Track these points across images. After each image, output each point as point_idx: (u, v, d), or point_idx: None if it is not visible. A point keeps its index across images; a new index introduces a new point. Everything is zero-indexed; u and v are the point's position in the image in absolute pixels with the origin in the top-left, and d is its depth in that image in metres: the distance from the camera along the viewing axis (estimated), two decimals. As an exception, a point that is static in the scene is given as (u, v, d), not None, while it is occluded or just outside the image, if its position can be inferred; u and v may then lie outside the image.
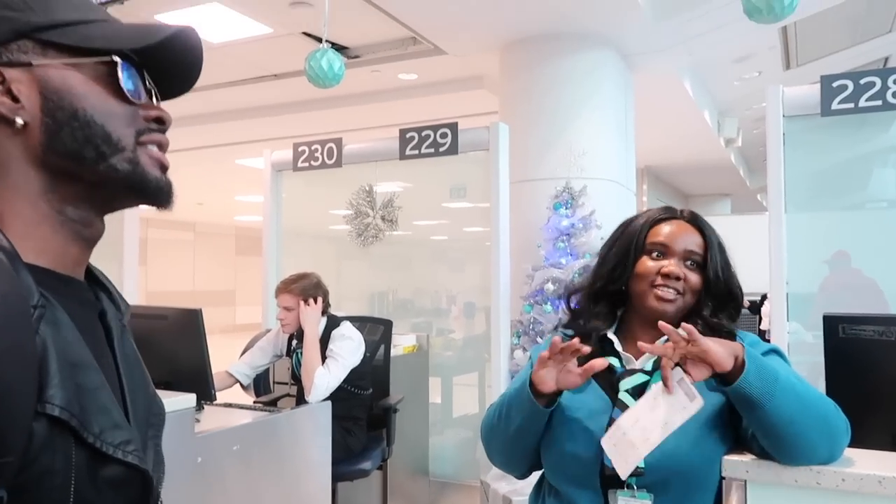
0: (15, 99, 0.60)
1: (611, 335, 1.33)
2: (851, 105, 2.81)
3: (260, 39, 4.97)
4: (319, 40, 3.95)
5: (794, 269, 2.98)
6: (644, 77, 5.22)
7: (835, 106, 2.85)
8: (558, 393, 1.24)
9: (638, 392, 1.22)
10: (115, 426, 0.60)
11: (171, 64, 0.67)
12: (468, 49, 4.87)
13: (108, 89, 0.63)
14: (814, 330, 3.10)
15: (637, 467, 1.16)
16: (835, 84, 2.84)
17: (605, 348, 1.32)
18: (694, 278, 1.27)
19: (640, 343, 1.20)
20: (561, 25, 4.38)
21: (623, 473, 1.15)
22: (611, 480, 1.19)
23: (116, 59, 0.63)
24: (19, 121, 0.60)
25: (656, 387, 1.16)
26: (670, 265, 1.26)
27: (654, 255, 1.29)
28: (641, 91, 5.28)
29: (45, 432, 0.53)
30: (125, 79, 0.63)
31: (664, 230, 1.30)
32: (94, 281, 0.70)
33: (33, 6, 0.61)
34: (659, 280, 1.26)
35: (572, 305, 1.41)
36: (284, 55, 5.22)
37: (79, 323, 0.61)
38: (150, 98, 0.67)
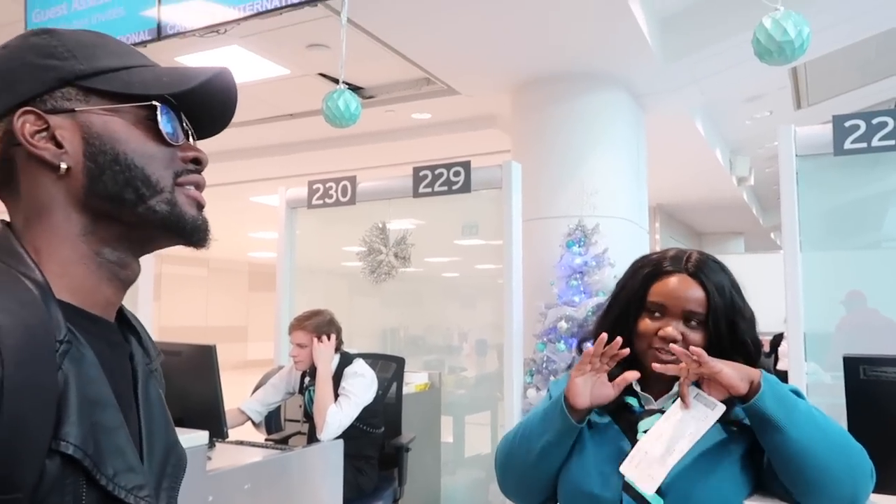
0: (59, 145, 0.62)
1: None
2: (864, 145, 2.82)
3: (277, 80, 5.08)
4: (335, 81, 4.03)
5: (810, 309, 2.95)
6: (656, 116, 5.27)
7: (847, 145, 2.86)
8: (588, 411, 1.24)
9: None
10: (130, 469, 0.59)
11: (207, 105, 0.69)
12: (481, 89, 4.95)
13: (147, 132, 0.65)
14: (832, 370, 3.05)
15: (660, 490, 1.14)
16: (847, 124, 2.86)
17: (623, 389, 1.30)
18: (695, 338, 1.22)
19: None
20: (572, 66, 4.45)
21: (650, 489, 1.13)
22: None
23: (156, 104, 0.64)
24: (63, 166, 0.62)
25: (674, 406, 1.17)
26: (667, 328, 1.21)
27: (654, 314, 1.24)
28: (653, 130, 5.33)
29: (57, 471, 0.52)
30: (164, 122, 0.65)
31: (663, 288, 1.25)
32: (125, 324, 0.70)
33: (77, 54, 0.63)
34: (657, 342, 1.22)
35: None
36: (301, 95, 5.33)
37: (105, 362, 0.61)
38: (187, 138, 0.69)
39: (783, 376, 1.87)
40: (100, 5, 3.18)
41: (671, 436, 1.13)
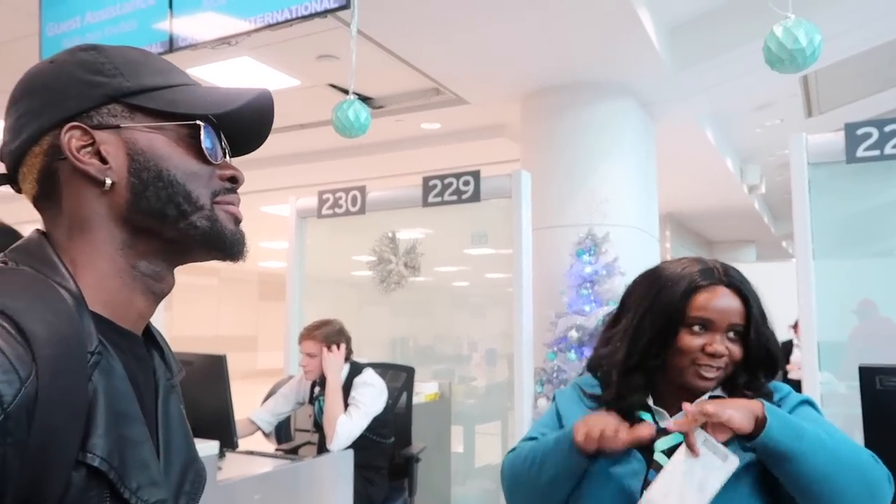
0: (104, 160, 0.63)
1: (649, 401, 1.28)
2: (877, 152, 2.80)
3: (288, 91, 5.11)
4: (345, 91, 4.05)
5: (823, 318, 2.92)
6: (665, 125, 5.26)
7: (860, 153, 2.84)
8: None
9: (673, 452, 1.18)
10: (153, 483, 0.59)
11: (245, 125, 0.70)
12: (490, 99, 4.96)
13: (188, 150, 0.66)
14: (846, 380, 3.02)
15: None
16: (859, 132, 2.84)
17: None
18: (736, 351, 1.20)
19: (667, 424, 1.18)
20: (581, 75, 4.45)
21: None
22: None
23: (200, 123, 0.66)
24: (108, 181, 0.62)
25: (680, 452, 1.12)
26: (715, 343, 1.18)
27: (696, 328, 1.19)
28: (663, 139, 5.31)
29: (82, 482, 0.53)
30: (206, 141, 0.66)
31: (706, 301, 1.19)
32: (150, 338, 0.71)
33: (124, 72, 0.65)
34: (703, 359, 1.18)
35: (599, 374, 1.33)
36: (311, 106, 5.36)
37: (132, 376, 0.61)
38: (224, 156, 0.70)
39: (796, 385, 1.85)
40: (112, 18, 3.22)
41: (682, 490, 1.10)
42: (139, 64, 0.66)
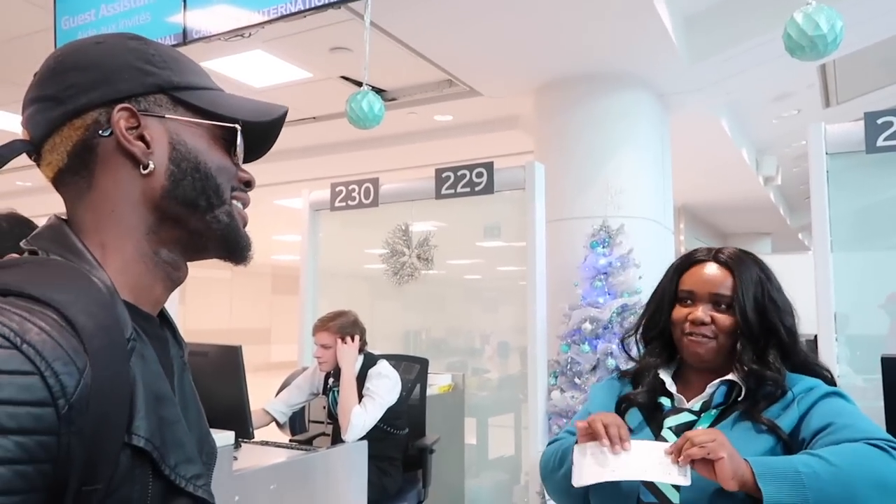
0: (147, 145, 0.65)
1: (663, 375, 1.33)
2: (898, 142, 2.76)
3: (300, 83, 5.11)
4: (357, 84, 4.04)
5: (841, 310, 2.89)
6: (681, 116, 5.21)
7: (880, 143, 2.79)
8: None
9: (682, 430, 1.21)
10: (189, 460, 0.62)
11: (260, 137, 0.74)
12: (503, 90, 4.93)
13: (220, 149, 0.70)
14: (863, 373, 2.98)
15: (672, 503, 1.15)
16: (879, 121, 2.79)
17: (658, 388, 1.32)
18: (724, 319, 1.26)
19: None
20: (595, 66, 4.42)
21: (575, 482, 1.16)
22: None
23: (237, 126, 0.70)
24: (151, 165, 0.65)
25: (662, 444, 1.15)
26: (696, 311, 1.27)
27: (686, 301, 1.30)
28: (678, 130, 5.26)
29: (128, 463, 0.56)
30: (239, 144, 0.70)
31: (691, 276, 1.32)
32: (162, 318, 0.73)
33: (171, 66, 0.68)
34: (688, 327, 1.27)
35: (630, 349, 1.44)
36: (323, 98, 5.35)
37: (158, 358, 0.64)
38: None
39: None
40: (127, 11, 3.23)
41: (632, 460, 1.13)
42: (183, 62, 0.70)
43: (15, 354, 0.50)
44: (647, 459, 1.13)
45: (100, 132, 0.64)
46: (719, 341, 1.26)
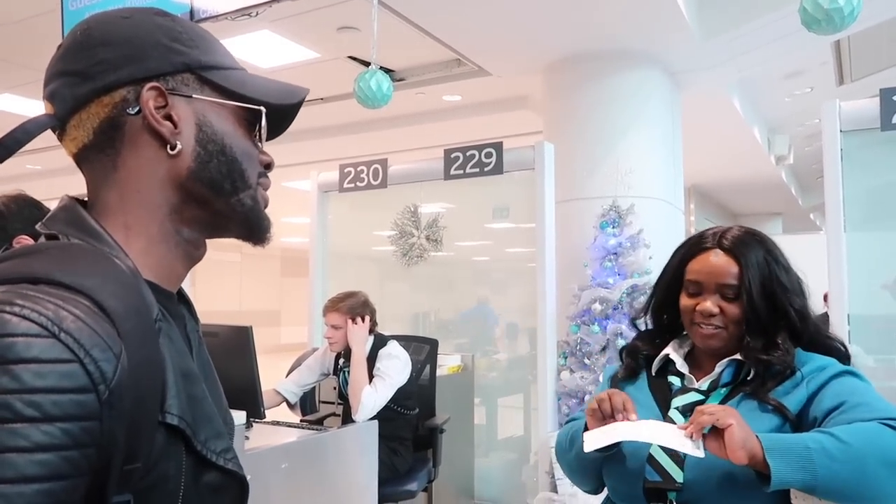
0: (175, 125, 0.65)
1: (673, 355, 1.32)
2: (914, 119, 2.71)
3: (308, 64, 5.08)
4: (365, 64, 4.02)
5: (854, 291, 2.86)
6: (692, 94, 5.15)
7: (895, 120, 2.75)
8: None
9: (689, 410, 1.21)
10: (218, 435, 0.64)
11: (280, 119, 0.73)
12: (512, 69, 4.88)
13: (245, 131, 0.69)
14: (875, 353, 2.96)
15: (676, 482, 1.15)
16: (895, 97, 2.75)
17: (669, 369, 1.33)
18: (732, 310, 1.25)
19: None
20: (605, 44, 4.36)
21: (586, 447, 1.17)
22: (652, 494, 1.18)
23: (263, 109, 0.69)
24: (179, 145, 0.64)
25: (675, 426, 1.14)
26: (704, 303, 1.26)
27: (691, 291, 1.29)
28: (689, 108, 5.20)
29: (163, 440, 0.58)
30: (264, 126, 0.69)
31: (697, 265, 1.29)
32: (179, 294, 0.74)
33: (199, 45, 0.68)
34: (697, 318, 1.27)
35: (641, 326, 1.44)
36: (331, 79, 5.32)
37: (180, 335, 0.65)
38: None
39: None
40: (133, -9, 3.21)
41: (644, 427, 1.15)
42: (209, 40, 0.69)
43: (55, 343, 0.50)
44: (661, 430, 1.14)
45: (128, 110, 0.64)
46: (729, 330, 1.25)
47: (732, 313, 1.24)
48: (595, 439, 1.16)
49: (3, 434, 0.48)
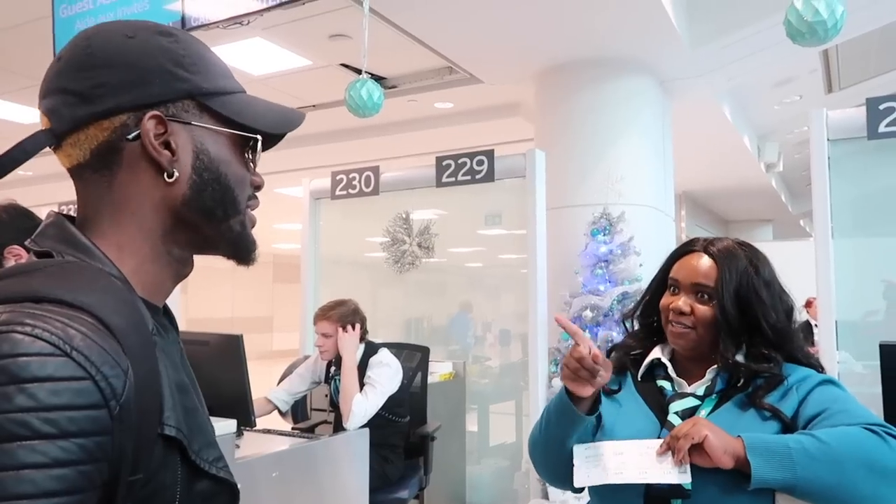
0: (172, 152, 0.65)
1: (664, 359, 1.33)
2: (900, 128, 2.74)
3: (299, 71, 5.09)
4: (357, 71, 4.03)
5: (841, 297, 2.89)
6: (682, 102, 5.19)
7: (882, 129, 2.78)
8: (596, 399, 1.23)
9: (687, 415, 1.22)
10: (209, 444, 0.66)
11: (272, 142, 0.74)
12: (504, 77, 4.91)
13: (238, 157, 0.70)
14: (863, 359, 2.98)
15: (683, 488, 1.14)
16: (881, 106, 2.78)
17: (658, 373, 1.33)
18: (703, 310, 1.25)
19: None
20: (596, 52, 4.39)
21: (577, 482, 1.18)
22: (655, 500, 1.17)
23: (258, 137, 0.70)
24: (176, 174, 0.65)
25: (655, 443, 1.17)
26: (677, 300, 1.28)
27: (672, 290, 1.32)
28: (680, 116, 5.24)
29: (162, 451, 0.59)
30: (258, 154, 0.70)
31: (680, 265, 1.33)
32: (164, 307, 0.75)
33: (200, 70, 0.67)
34: (671, 315, 1.28)
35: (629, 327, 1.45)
36: (323, 86, 5.33)
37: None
38: None
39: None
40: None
41: (630, 461, 1.16)
42: (211, 62, 0.69)
43: (67, 361, 0.52)
44: (645, 460, 1.14)
45: (127, 136, 0.63)
46: (698, 332, 1.26)
47: (703, 315, 1.25)
48: (586, 476, 1.18)
49: (23, 451, 0.49)
